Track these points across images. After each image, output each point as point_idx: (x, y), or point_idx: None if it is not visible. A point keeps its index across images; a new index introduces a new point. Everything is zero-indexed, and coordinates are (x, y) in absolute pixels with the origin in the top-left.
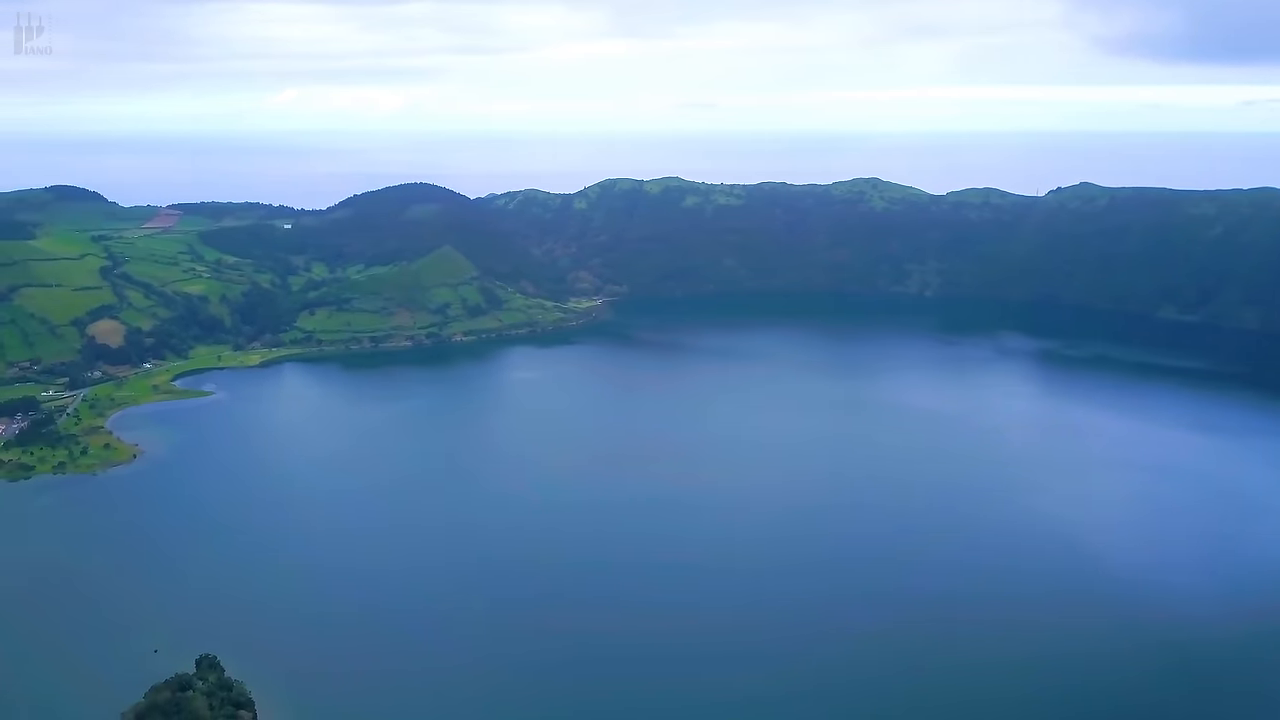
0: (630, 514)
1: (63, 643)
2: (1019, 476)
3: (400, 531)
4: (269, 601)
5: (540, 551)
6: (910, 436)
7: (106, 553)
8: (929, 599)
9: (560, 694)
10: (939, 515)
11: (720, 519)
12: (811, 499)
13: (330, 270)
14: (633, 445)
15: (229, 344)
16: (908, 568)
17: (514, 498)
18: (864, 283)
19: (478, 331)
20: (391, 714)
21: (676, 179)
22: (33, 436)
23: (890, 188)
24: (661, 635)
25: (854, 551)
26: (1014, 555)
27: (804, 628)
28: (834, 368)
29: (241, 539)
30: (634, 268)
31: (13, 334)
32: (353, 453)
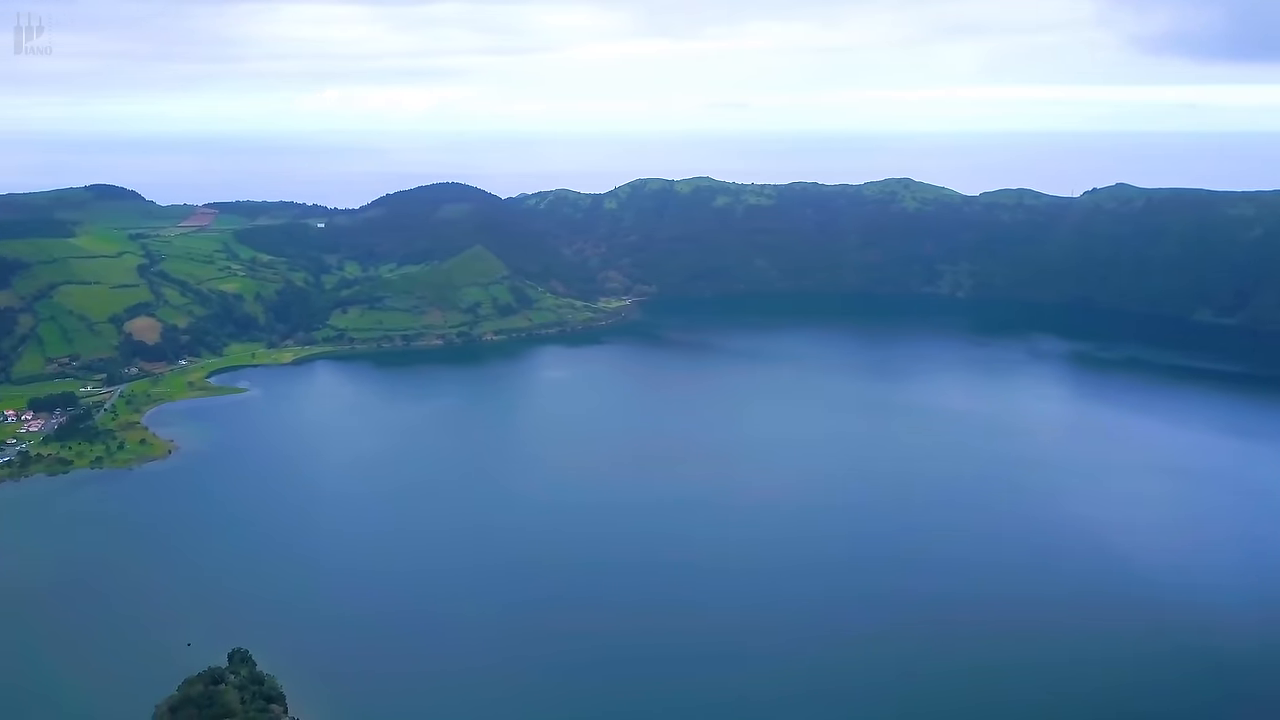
0: (658, 515)
1: (99, 635)
2: (1049, 479)
3: (429, 531)
4: (299, 597)
5: (566, 552)
6: (940, 438)
7: (141, 547)
8: (956, 601)
9: (583, 695)
10: (967, 517)
11: (749, 521)
12: (838, 500)
13: (363, 269)
14: (660, 446)
15: (263, 341)
16: (935, 569)
17: (541, 498)
18: (895, 284)
19: (508, 331)
20: (419, 712)
21: (707, 179)
22: (71, 431)
23: (923, 188)
24: (690, 636)
25: (881, 553)
26: (1043, 558)
27: (829, 629)
28: (864, 369)
29: (273, 535)
30: (664, 268)
31: (52, 330)
32: (383, 451)
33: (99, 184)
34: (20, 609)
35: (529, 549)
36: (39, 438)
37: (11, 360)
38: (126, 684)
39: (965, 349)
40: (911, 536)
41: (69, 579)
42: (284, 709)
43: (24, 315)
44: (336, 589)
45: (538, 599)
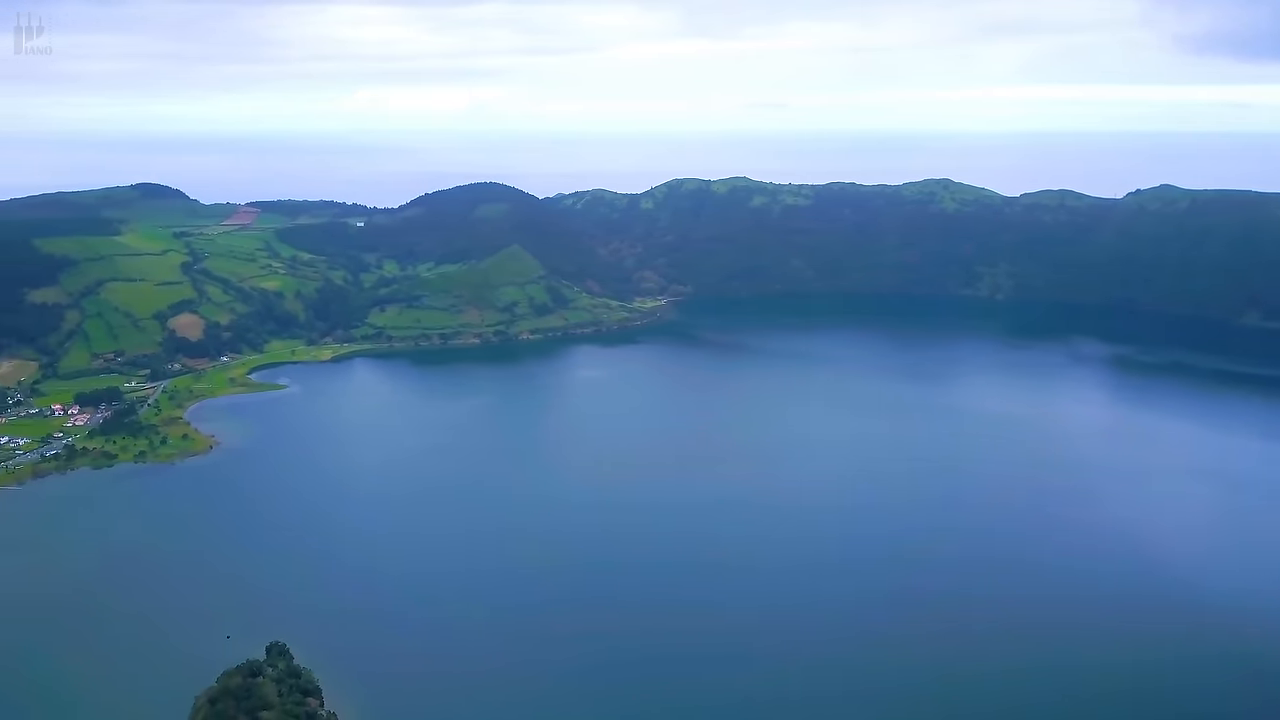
0: (692, 515)
1: (141, 626)
2: (1088, 482)
3: (465, 529)
4: (336, 591)
5: (599, 552)
6: (977, 441)
7: (183, 540)
8: (991, 602)
9: (613, 694)
10: (1003, 520)
11: (782, 521)
12: (872, 501)
13: (401, 268)
14: (693, 446)
15: (303, 339)
16: (970, 571)
17: (575, 497)
18: (933, 285)
19: (544, 330)
20: (452, 708)
21: (744, 179)
22: (116, 426)
23: (962, 189)
24: (724, 636)
25: (915, 554)
26: (1080, 561)
27: (862, 629)
28: (901, 371)
29: (311, 530)
30: (699, 268)
31: (98, 326)
32: (420, 448)
33: (145, 183)
34: (65, 599)
35: (563, 548)
36: (85, 431)
37: (59, 356)
38: (167, 675)
39: (1004, 352)
40: (947, 538)
41: (112, 570)
42: (320, 702)
43: (71, 311)
44: (372, 584)
45: (571, 599)
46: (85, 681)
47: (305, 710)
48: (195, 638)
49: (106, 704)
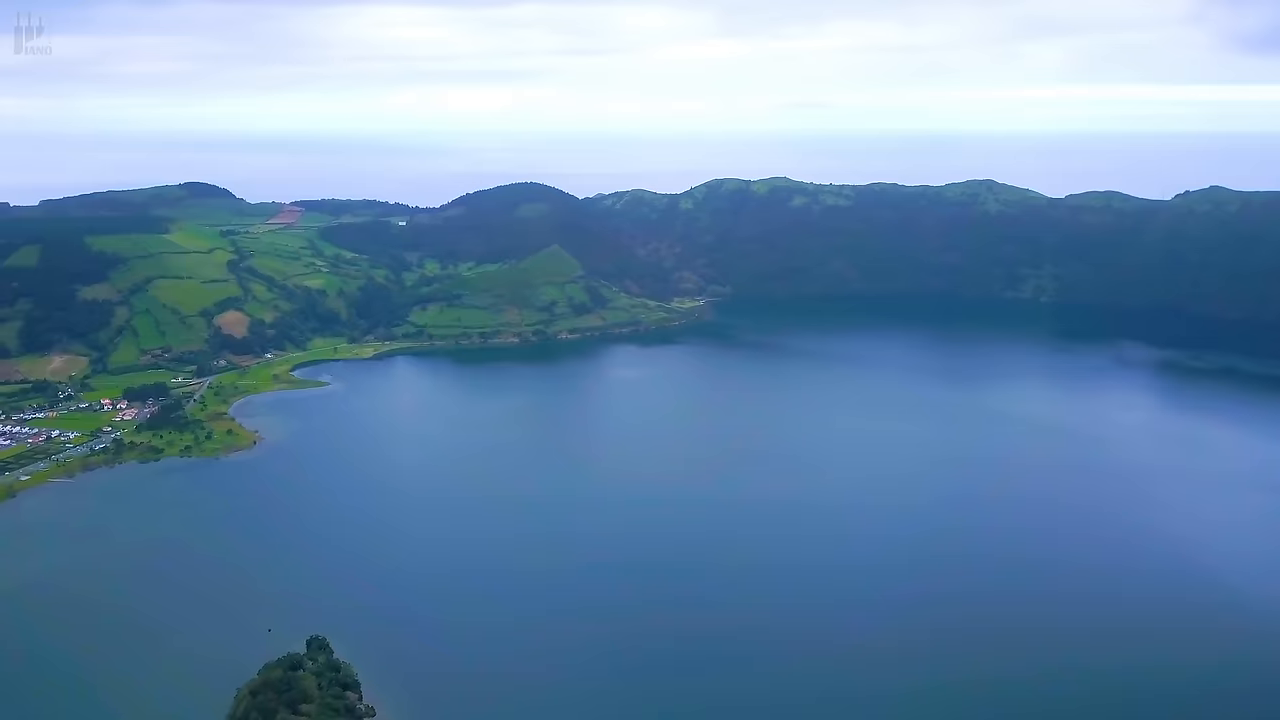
0: (730, 515)
1: (184, 618)
2: (1132, 489)
3: (502, 527)
4: (375, 587)
5: (638, 553)
6: (1020, 445)
7: (226, 534)
8: (1029, 606)
9: (652, 694)
10: (1046, 525)
11: (820, 521)
12: (911, 504)
13: (442, 267)
14: (731, 446)
15: (345, 336)
16: (1008, 575)
17: (613, 496)
18: (976, 287)
19: (582, 330)
20: (489, 705)
21: (784, 179)
22: (162, 421)
23: (1006, 190)
24: (765, 635)
25: (953, 557)
26: (1122, 569)
27: (896, 628)
28: (942, 374)
29: (352, 525)
30: (738, 268)
31: (147, 323)
32: (459, 446)
33: (193, 182)
34: (110, 590)
35: (601, 548)
36: (132, 426)
37: (109, 351)
38: (209, 666)
39: (1048, 355)
40: (987, 540)
41: (158, 562)
42: (359, 696)
43: (121, 308)
44: (411, 581)
45: (609, 599)
46: (130, 671)
47: (344, 704)
48: (237, 630)
49: (151, 694)
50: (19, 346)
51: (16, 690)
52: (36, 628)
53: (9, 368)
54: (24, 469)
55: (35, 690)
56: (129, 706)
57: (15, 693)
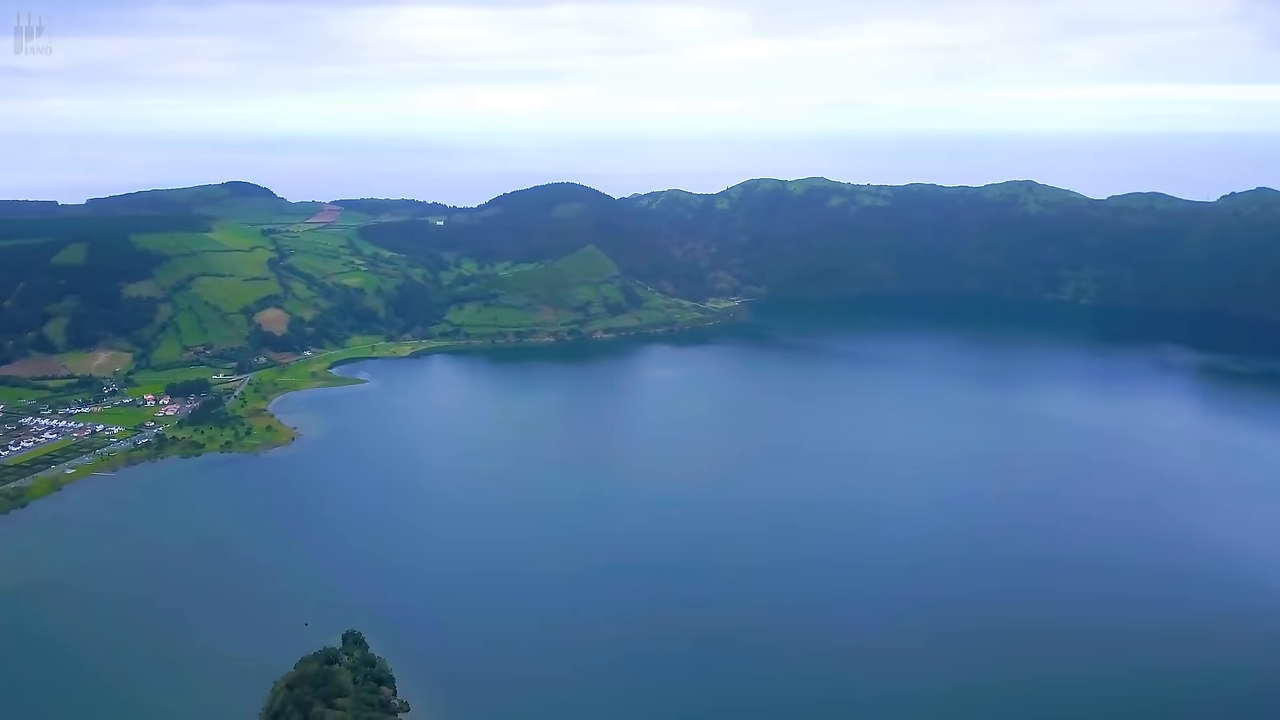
0: (763, 516)
1: (223, 610)
2: (1173, 494)
3: (538, 525)
4: (410, 583)
5: (676, 553)
6: (1058, 449)
7: (265, 528)
8: (1069, 612)
9: (690, 696)
10: (1084, 531)
11: (854, 521)
12: (944, 506)
13: (479, 266)
14: (764, 448)
15: (382, 335)
16: (1047, 580)
17: (648, 495)
18: (1015, 289)
19: (617, 329)
20: (521, 702)
21: (821, 179)
22: (204, 416)
23: (1046, 190)
24: (804, 636)
25: (991, 562)
26: (1163, 576)
27: (934, 628)
28: (980, 376)
29: (388, 521)
30: (774, 269)
31: (189, 320)
32: (495, 443)
33: (235, 181)
34: (151, 582)
35: (635, 547)
36: (174, 421)
37: (152, 348)
38: (247, 658)
39: (1087, 358)
40: (1023, 542)
41: (197, 556)
42: (393, 691)
43: (164, 305)
44: (446, 577)
45: (643, 598)
46: (169, 661)
47: (379, 698)
48: (275, 623)
49: (189, 684)
50: (66, 343)
51: (59, 678)
52: (80, 617)
53: (56, 363)
54: (69, 463)
55: (77, 679)
56: (169, 695)
57: (58, 681)
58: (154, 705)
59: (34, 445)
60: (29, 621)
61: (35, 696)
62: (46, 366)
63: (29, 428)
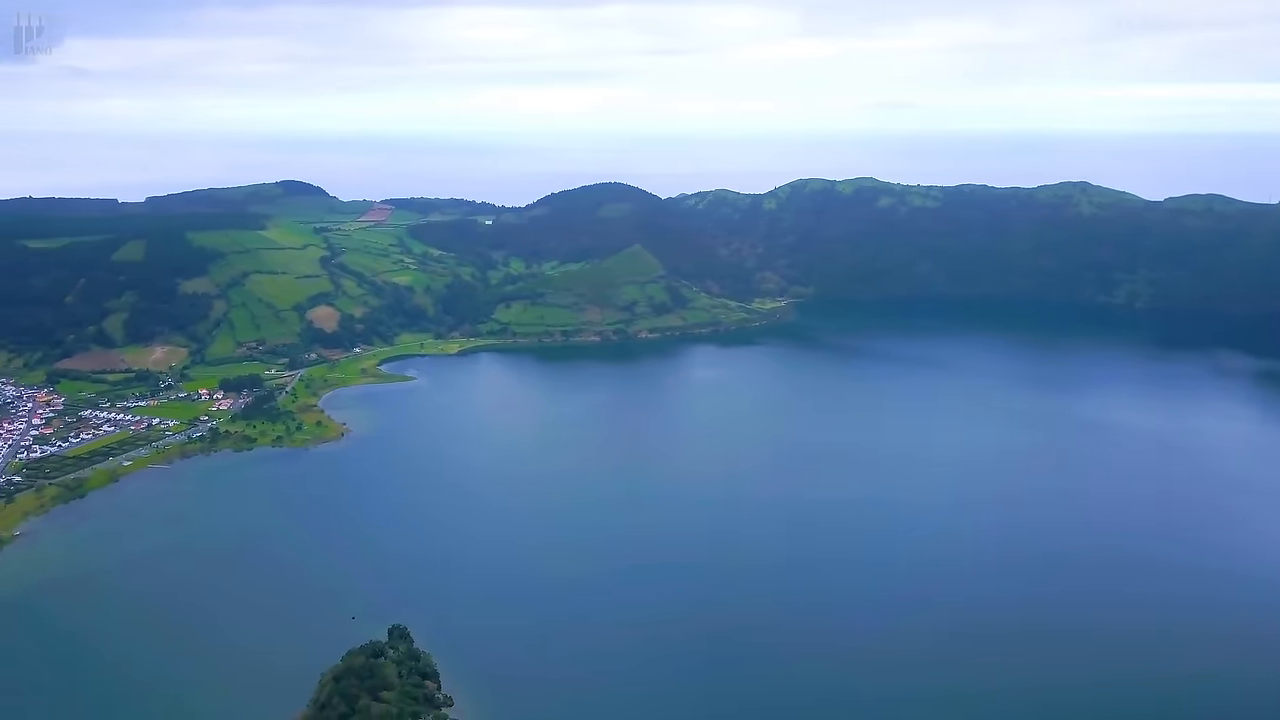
0: (807, 516)
1: (272, 602)
2: (1232, 503)
3: (583, 524)
4: (455, 579)
5: (717, 552)
6: (1113, 455)
7: (314, 522)
8: (1124, 618)
9: (733, 697)
10: (1139, 539)
11: (898, 523)
12: (996, 510)
13: (527, 266)
14: (807, 450)
15: (431, 332)
16: (1099, 586)
17: (691, 495)
18: (1067, 292)
19: (662, 329)
20: (564, 700)
21: (870, 179)
22: (256, 411)
23: (1101, 192)
24: (857, 637)
25: (1044, 570)
26: (1220, 585)
27: (978, 630)
28: (1031, 380)
29: (435, 517)
30: (822, 269)
31: (243, 316)
32: (541, 442)
33: (289, 180)
34: (204, 574)
35: (681, 547)
36: (227, 415)
37: (206, 343)
38: (296, 649)
39: (1142, 363)
40: (1079, 539)
41: (248, 548)
42: (437, 685)
43: (218, 301)
44: (489, 576)
45: (689, 598)
46: (221, 648)
47: (423, 693)
48: (322, 616)
49: (238, 675)
50: (124, 337)
51: (116, 661)
52: (134, 606)
53: (114, 357)
54: (126, 455)
55: (133, 661)
56: (220, 684)
57: (115, 663)
58: (204, 694)
59: (93, 437)
60: (86, 608)
61: (90, 680)
62: (106, 360)
63: (88, 420)
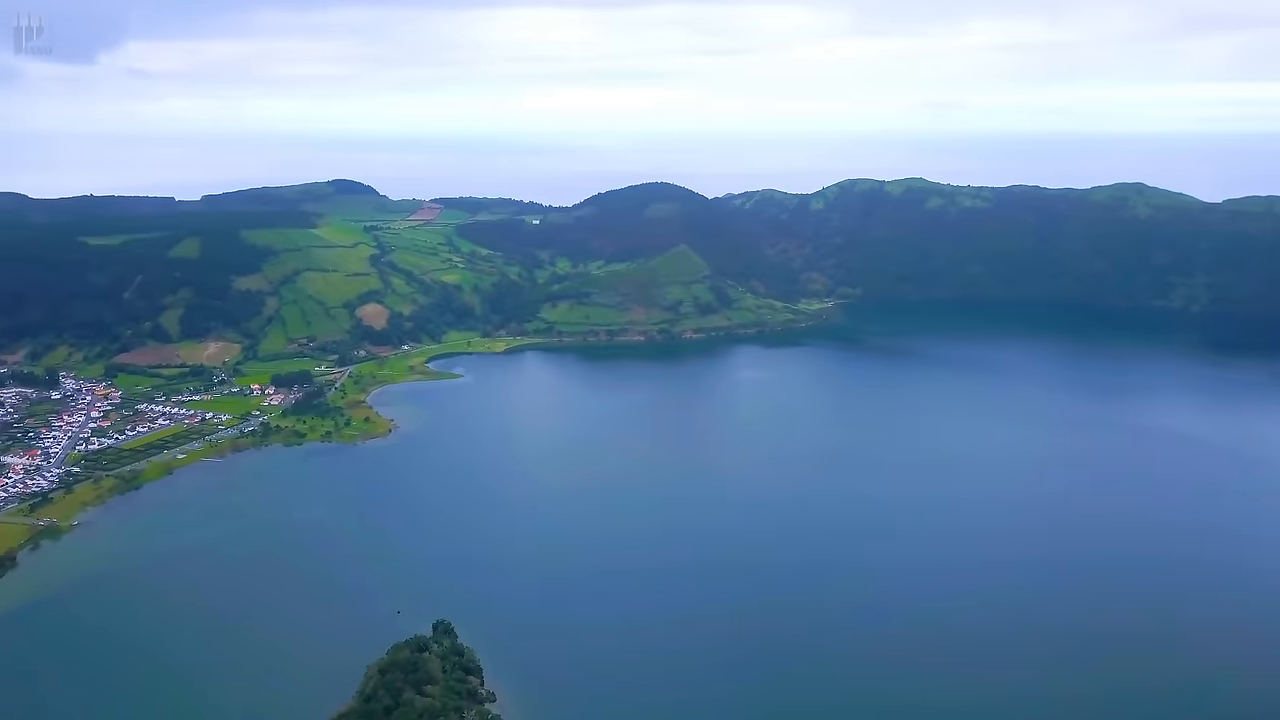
0: (852, 517)
1: (320, 595)
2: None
3: (627, 522)
4: (499, 575)
5: (760, 552)
6: (1169, 464)
7: (361, 517)
8: (1186, 631)
9: (776, 699)
10: (1201, 550)
11: (941, 525)
12: (1045, 521)
13: (573, 265)
14: (851, 450)
15: (478, 331)
16: (1161, 599)
17: (733, 494)
18: (1121, 295)
19: (707, 329)
20: (606, 697)
21: (919, 180)
22: (306, 407)
23: (1157, 193)
24: (913, 638)
25: (1105, 584)
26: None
27: (1022, 637)
28: (1083, 385)
29: (479, 515)
30: (869, 270)
31: (294, 313)
32: (586, 440)
33: (340, 179)
34: (254, 563)
35: (725, 546)
36: (278, 411)
37: (259, 339)
38: (342, 641)
39: (1199, 368)
40: (1131, 546)
41: (297, 540)
42: (480, 681)
43: (271, 298)
44: (532, 572)
45: (732, 598)
46: (270, 638)
47: (467, 688)
48: (369, 609)
49: (286, 666)
50: (179, 333)
51: (169, 646)
52: (188, 593)
53: (170, 352)
54: (180, 448)
55: (185, 648)
56: (268, 669)
57: (168, 648)
58: (252, 682)
59: (148, 430)
60: (140, 598)
61: (143, 667)
62: (161, 355)
63: (144, 413)
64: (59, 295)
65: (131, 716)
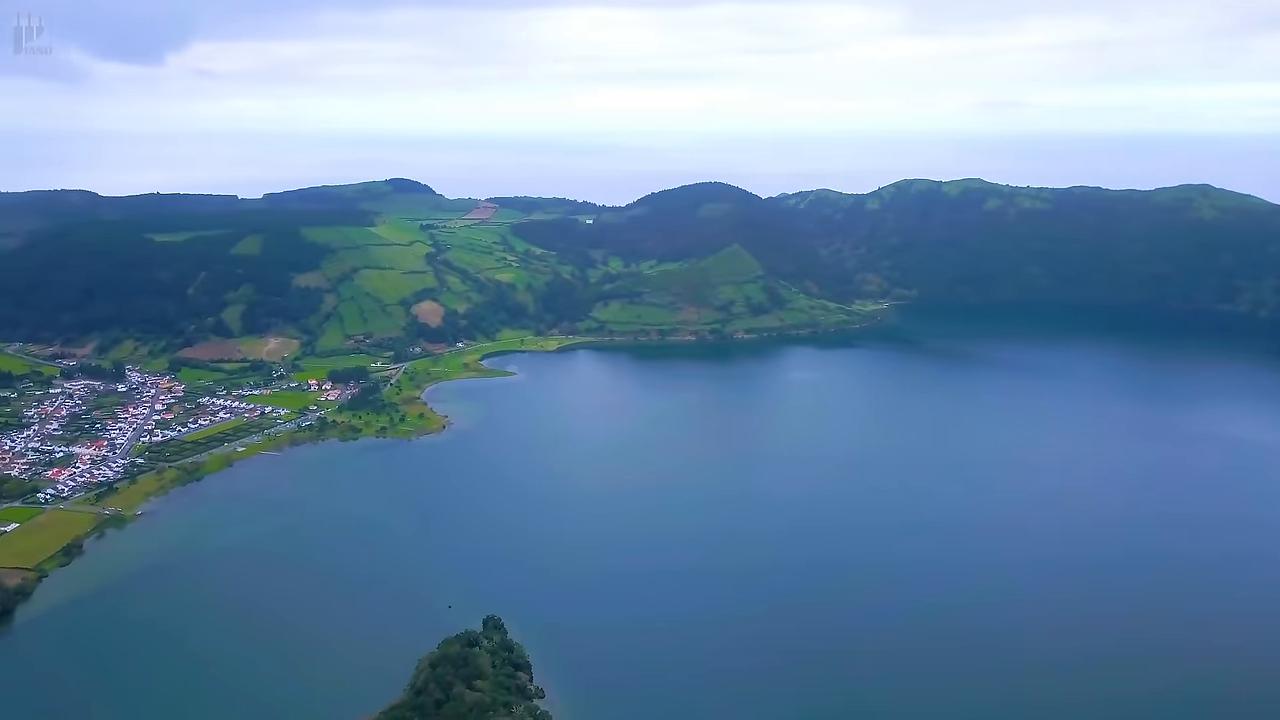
0: (898, 517)
1: (374, 588)
2: None
3: (676, 521)
4: (551, 573)
5: (807, 552)
6: (1236, 473)
7: (415, 512)
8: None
9: (816, 697)
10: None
11: (988, 533)
12: (1104, 529)
13: (625, 265)
14: (901, 453)
15: (531, 329)
16: (1223, 613)
17: (783, 496)
18: (1185, 298)
19: (759, 330)
20: (653, 696)
21: (977, 180)
22: (362, 402)
23: (1223, 195)
24: (953, 639)
25: (1163, 600)
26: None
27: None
28: (1145, 391)
29: (531, 511)
30: (925, 271)
31: (352, 310)
32: (637, 438)
33: (397, 178)
34: (309, 556)
35: (772, 547)
36: (335, 406)
37: (317, 336)
38: (395, 634)
39: (1267, 375)
40: (1197, 553)
41: (352, 534)
42: (529, 677)
43: (329, 295)
44: (584, 569)
45: (780, 599)
46: (324, 628)
47: (516, 683)
48: (421, 603)
49: (340, 657)
50: (241, 328)
51: (224, 634)
52: (245, 584)
53: (231, 347)
54: (240, 441)
55: (240, 637)
56: (320, 661)
57: (223, 638)
58: (305, 674)
59: (209, 423)
60: (200, 587)
61: (198, 655)
62: (223, 350)
63: (206, 407)
64: (126, 291)
65: (186, 705)
